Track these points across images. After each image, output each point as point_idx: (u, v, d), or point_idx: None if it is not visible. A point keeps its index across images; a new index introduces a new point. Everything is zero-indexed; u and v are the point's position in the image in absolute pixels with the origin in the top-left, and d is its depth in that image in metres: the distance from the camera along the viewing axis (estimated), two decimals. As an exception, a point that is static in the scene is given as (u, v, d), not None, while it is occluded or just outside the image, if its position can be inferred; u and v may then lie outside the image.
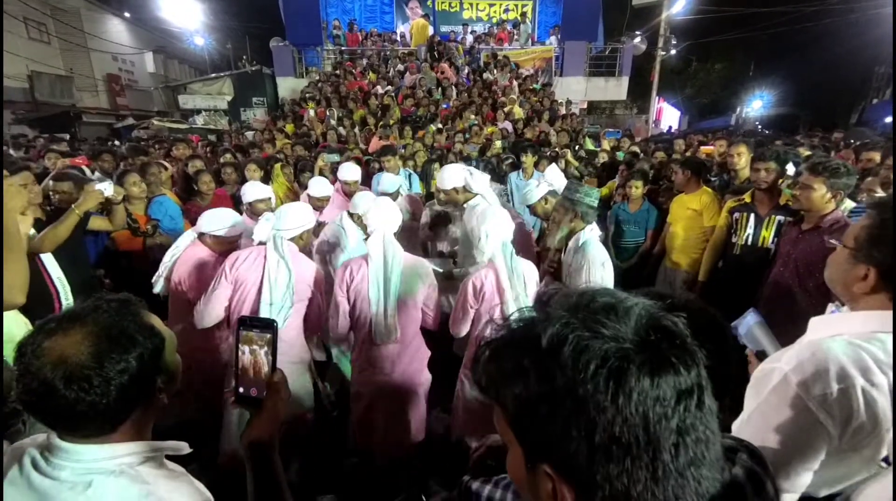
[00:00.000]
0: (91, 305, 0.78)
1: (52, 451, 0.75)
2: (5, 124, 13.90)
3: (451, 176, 2.85)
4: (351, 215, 2.81)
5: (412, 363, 2.20)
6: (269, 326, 0.83)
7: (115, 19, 19.76)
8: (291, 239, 2.14)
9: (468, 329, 2.14)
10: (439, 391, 2.39)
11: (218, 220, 2.41)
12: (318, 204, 3.35)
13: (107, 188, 2.42)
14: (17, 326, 1.80)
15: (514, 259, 2.02)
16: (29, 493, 0.72)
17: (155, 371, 0.80)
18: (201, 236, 2.44)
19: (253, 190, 3.13)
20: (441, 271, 2.73)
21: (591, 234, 2.25)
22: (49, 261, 2.14)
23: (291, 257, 2.11)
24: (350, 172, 3.59)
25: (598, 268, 2.11)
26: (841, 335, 0.90)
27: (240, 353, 0.84)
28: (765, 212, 2.63)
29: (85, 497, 0.71)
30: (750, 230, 2.67)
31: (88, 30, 17.63)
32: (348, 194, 3.54)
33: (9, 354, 1.65)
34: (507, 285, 1.95)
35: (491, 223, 2.01)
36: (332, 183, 3.61)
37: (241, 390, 0.85)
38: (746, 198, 2.77)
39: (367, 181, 4.45)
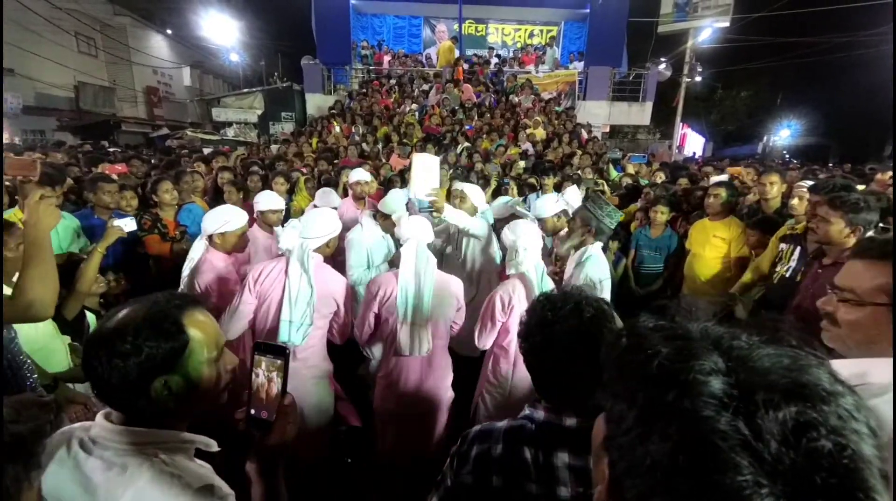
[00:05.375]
0: (160, 295, 0.89)
1: (99, 433, 0.83)
2: (49, 130, 14.71)
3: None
4: (375, 214, 3.07)
5: (437, 379, 2.19)
6: (282, 352, 0.87)
7: (157, 35, 20.88)
8: (318, 248, 2.08)
9: (492, 341, 2.11)
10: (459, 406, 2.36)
11: (216, 217, 2.39)
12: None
13: (127, 224, 2.49)
14: (49, 334, 1.87)
15: (545, 278, 2.07)
16: (74, 472, 0.79)
17: (167, 368, 0.83)
18: (210, 240, 2.42)
19: (266, 199, 3.10)
20: None
21: (596, 250, 2.33)
22: None
23: (315, 271, 2.05)
24: (361, 172, 3.70)
25: (596, 285, 2.21)
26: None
27: (253, 376, 0.88)
28: (812, 247, 2.44)
29: (121, 478, 0.77)
30: (793, 264, 2.49)
31: (133, 45, 18.67)
32: (358, 197, 3.61)
33: (42, 360, 1.73)
34: None
35: (527, 238, 2.09)
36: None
37: (252, 412, 0.88)
38: (799, 229, 2.61)
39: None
